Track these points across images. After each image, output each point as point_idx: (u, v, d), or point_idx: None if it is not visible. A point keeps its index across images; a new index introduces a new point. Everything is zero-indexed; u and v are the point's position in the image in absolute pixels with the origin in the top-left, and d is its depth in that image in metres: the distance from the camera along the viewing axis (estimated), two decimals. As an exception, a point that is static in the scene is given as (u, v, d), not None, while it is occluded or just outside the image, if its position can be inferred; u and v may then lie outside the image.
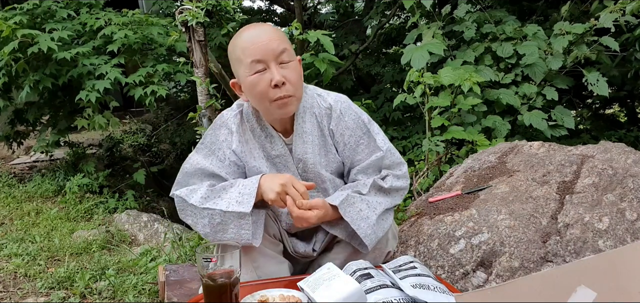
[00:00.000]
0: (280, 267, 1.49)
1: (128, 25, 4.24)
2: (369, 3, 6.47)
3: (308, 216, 1.38)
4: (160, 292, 2.15)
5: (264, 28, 1.44)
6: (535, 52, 3.26)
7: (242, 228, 1.39)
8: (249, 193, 1.38)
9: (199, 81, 3.20)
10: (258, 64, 1.39)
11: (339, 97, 1.54)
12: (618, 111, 5.17)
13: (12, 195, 4.06)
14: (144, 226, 3.38)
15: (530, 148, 2.24)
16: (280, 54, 1.39)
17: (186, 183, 1.49)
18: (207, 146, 1.52)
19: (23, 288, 2.44)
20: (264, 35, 1.40)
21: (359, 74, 6.36)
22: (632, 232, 1.63)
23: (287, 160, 1.51)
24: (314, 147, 1.50)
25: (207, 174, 1.49)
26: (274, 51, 1.39)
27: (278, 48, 1.39)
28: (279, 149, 1.50)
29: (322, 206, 1.42)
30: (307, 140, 1.50)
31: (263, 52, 1.38)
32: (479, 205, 1.87)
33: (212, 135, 1.53)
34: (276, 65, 1.39)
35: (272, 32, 1.42)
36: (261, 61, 1.38)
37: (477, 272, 1.63)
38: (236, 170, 1.51)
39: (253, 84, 1.40)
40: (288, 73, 1.40)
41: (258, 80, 1.39)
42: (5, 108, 4.40)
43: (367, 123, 1.53)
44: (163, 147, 6.13)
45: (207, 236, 1.44)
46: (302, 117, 1.50)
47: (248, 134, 1.51)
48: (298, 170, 1.52)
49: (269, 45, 1.38)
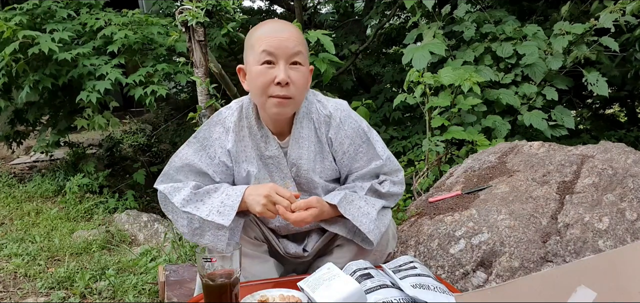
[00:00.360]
0: (265, 266, 1.49)
1: (128, 25, 4.24)
2: (369, 3, 6.47)
3: (304, 216, 1.38)
4: (160, 292, 2.15)
5: (287, 26, 1.44)
6: (535, 52, 3.26)
7: (219, 238, 1.40)
8: (231, 205, 1.38)
9: (199, 81, 3.20)
10: (269, 55, 1.38)
11: (338, 105, 1.53)
12: (618, 111, 5.17)
13: (12, 195, 4.06)
14: (144, 226, 3.38)
15: (530, 148, 2.24)
16: (293, 54, 1.39)
17: (172, 178, 1.49)
18: (199, 141, 1.51)
19: (23, 288, 2.44)
20: (285, 32, 1.40)
21: (359, 74, 6.36)
22: (632, 232, 1.63)
23: (280, 162, 1.49)
24: (309, 153, 1.49)
25: (195, 171, 1.48)
26: (287, 49, 1.38)
27: (293, 48, 1.39)
28: (273, 150, 1.49)
29: (317, 204, 1.42)
30: (303, 146, 1.49)
31: (277, 46, 1.38)
32: (479, 205, 1.87)
33: (206, 131, 1.52)
34: (286, 64, 1.38)
35: (293, 32, 1.42)
36: (272, 54, 1.38)
37: (477, 272, 1.63)
38: (224, 171, 1.50)
39: (258, 73, 1.39)
40: (295, 75, 1.39)
41: (264, 71, 1.39)
42: (6, 108, 4.40)
43: (367, 131, 1.52)
44: (163, 147, 6.13)
45: (185, 235, 1.45)
46: (301, 122, 1.49)
47: (244, 132, 1.50)
48: (291, 174, 1.51)
49: (284, 42, 1.38)
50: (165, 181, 1.49)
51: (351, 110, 1.54)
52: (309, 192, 1.52)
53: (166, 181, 1.49)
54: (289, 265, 1.59)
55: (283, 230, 1.56)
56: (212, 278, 1.16)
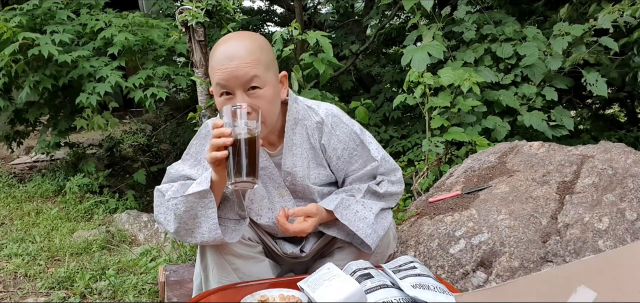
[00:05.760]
0: (261, 266, 1.48)
1: (128, 27, 4.24)
2: (369, 3, 6.47)
3: (304, 227, 1.39)
4: (160, 292, 2.16)
5: (237, 48, 1.30)
6: (535, 53, 3.26)
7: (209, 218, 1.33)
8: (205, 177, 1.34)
9: (199, 81, 3.21)
10: (224, 88, 1.30)
11: (329, 110, 1.49)
12: (618, 111, 5.17)
13: (12, 195, 4.06)
14: (144, 226, 3.38)
15: (530, 148, 2.24)
16: (247, 82, 1.29)
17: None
18: (192, 156, 1.49)
19: (23, 288, 2.44)
20: (234, 61, 1.28)
21: (359, 74, 6.36)
22: (632, 232, 1.63)
23: (272, 172, 1.47)
24: (303, 160, 1.47)
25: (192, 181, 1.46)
26: (240, 78, 1.28)
27: (245, 76, 1.28)
28: (263, 161, 1.45)
29: (316, 212, 1.41)
30: (297, 153, 1.46)
31: (228, 78, 1.28)
32: (479, 205, 1.87)
33: (198, 145, 1.49)
34: (243, 93, 1.29)
35: (245, 55, 1.29)
36: (226, 87, 1.30)
37: (477, 272, 1.63)
38: None
39: (221, 104, 1.33)
40: (256, 102, 1.30)
41: (224, 103, 1.31)
42: (6, 108, 4.40)
43: (360, 134, 1.50)
44: (163, 147, 6.13)
45: (177, 235, 1.39)
46: (293, 130, 1.46)
47: None
48: (286, 183, 1.49)
49: (235, 72, 1.28)
50: None
51: (343, 114, 1.52)
52: (305, 199, 1.50)
53: None
54: (286, 265, 1.59)
55: (278, 233, 1.55)
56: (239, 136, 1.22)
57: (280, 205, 1.46)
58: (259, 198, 1.48)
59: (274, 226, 1.50)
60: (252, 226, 1.52)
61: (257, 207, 1.49)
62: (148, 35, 4.26)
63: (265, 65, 1.33)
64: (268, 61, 1.35)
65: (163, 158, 5.87)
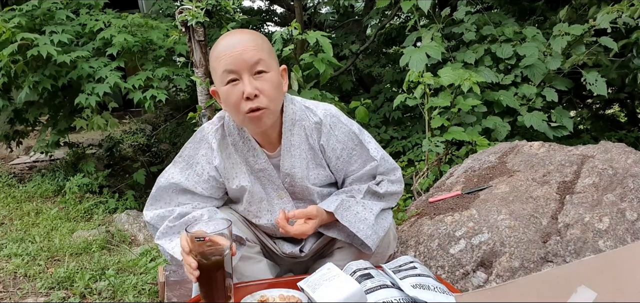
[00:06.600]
0: (259, 266, 1.48)
1: (127, 28, 4.24)
2: (369, 3, 6.47)
3: (305, 230, 1.38)
4: (160, 292, 2.15)
5: (241, 37, 1.36)
6: (534, 54, 3.26)
7: None
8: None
9: (199, 81, 3.21)
10: (230, 74, 1.33)
11: (327, 110, 1.49)
12: (618, 111, 5.18)
13: (12, 195, 4.06)
14: (144, 226, 3.38)
15: (530, 148, 2.24)
16: (254, 64, 1.33)
17: (159, 198, 1.48)
18: (185, 159, 1.49)
19: (23, 288, 2.44)
20: (239, 45, 1.33)
21: (360, 74, 6.36)
22: (632, 232, 1.63)
23: (271, 174, 1.47)
24: (302, 161, 1.47)
25: (180, 190, 1.47)
26: (246, 62, 1.32)
27: (252, 58, 1.32)
28: (262, 163, 1.46)
29: (316, 214, 1.41)
30: (295, 154, 1.46)
31: (235, 62, 1.32)
32: (479, 205, 1.87)
33: (191, 149, 1.49)
34: (250, 76, 1.33)
35: (249, 41, 1.35)
36: (233, 72, 1.32)
37: (477, 272, 1.63)
38: (214, 185, 1.48)
39: (226, 94, 1.35)
40: (262, 84, 1.33)
41: (231, 90, 1.33)
42: (5, 108, 4.40)
43: (358, 134, 1.50)
44: (163, 147, 6.13)
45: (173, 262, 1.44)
46: (291, 130, 1.45)
47: (230, 149, 1.47)
48: (284, 184, 1.48)
49: (242, 56, 1.32)
50: (152, 204, 1.48)
51: (341, 114, 1.51)
52: (304, 200, 1.50)
53: (153, 204, 1.48)
54: (286, 265, 1.59)
55: (277, 233, 1.55)
56: (206, 257, 1.18)
57: (279, 207, 1.46)
58: (257, 200, 1.48)
59: (272, 227, 1.50)
60: (250, 226, 1.52)
61: (255, 209, 1.49)
62: (147, 36, 4.26)
63: (269, 52, 1.38)
64: (270, 50, 1.40)
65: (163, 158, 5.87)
